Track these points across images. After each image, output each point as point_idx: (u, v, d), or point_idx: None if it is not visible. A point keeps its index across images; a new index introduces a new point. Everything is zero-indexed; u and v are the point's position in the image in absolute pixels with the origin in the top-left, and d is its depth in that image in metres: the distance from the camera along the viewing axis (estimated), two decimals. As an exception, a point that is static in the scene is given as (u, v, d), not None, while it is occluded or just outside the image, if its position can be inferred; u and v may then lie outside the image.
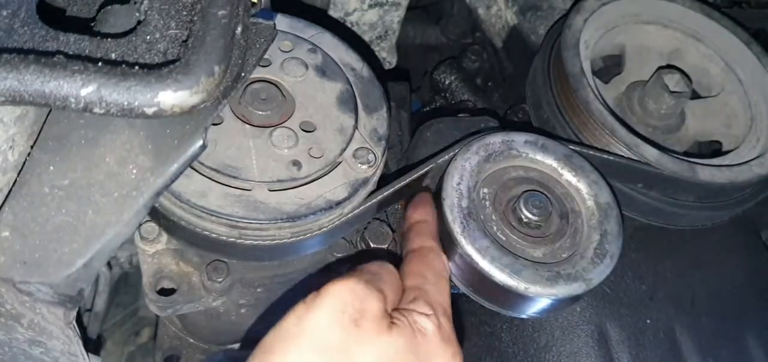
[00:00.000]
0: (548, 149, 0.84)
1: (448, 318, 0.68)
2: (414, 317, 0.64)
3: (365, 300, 0.61)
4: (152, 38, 0.59)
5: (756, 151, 0.96)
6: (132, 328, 1.44)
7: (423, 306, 0.66)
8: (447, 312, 0.68)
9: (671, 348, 0.93)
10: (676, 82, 0.97)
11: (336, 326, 0.59)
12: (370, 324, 0.60)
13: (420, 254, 0.75)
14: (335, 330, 0.59)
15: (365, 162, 0.80)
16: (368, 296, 0.61)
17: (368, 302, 0.61)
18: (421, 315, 0.64)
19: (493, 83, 1.34)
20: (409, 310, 0.65)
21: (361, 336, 0.59)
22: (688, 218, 0.95)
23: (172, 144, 0.61)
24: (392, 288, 0.67)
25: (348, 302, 0.60)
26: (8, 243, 0.58)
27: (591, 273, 0.75)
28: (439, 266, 0.74)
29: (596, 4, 1.03)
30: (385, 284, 0.65)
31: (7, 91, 0.52)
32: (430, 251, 0.75)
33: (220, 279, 0.80)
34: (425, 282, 0.70)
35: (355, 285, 0.61)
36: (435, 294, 0.68)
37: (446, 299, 0.70)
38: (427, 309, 0.65)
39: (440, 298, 0.69)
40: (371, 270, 0.67)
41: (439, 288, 0.70)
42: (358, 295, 0.60)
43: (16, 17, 0.57)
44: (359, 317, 0.60)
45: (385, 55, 1.28)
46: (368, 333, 0.60)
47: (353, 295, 0.60)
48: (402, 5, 1.20)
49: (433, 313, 0.65)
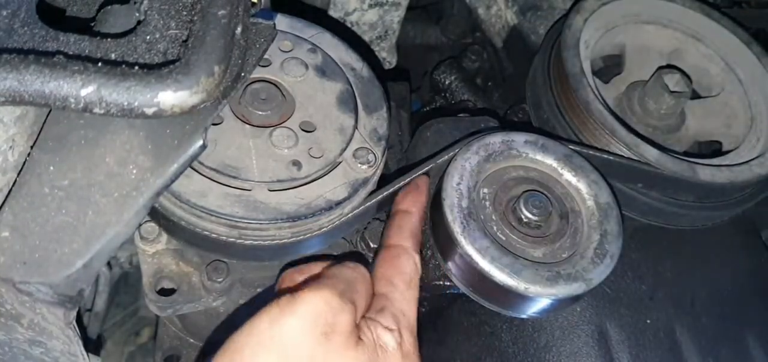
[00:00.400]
0: (548, 149, 0.84)
1: (411, 331, 0.69)
2: (378, 332, 0.66)
3: (338, 313, 0.62)
4: (152, 38, 0.59)
5: (756, 150, 0.96)
6: (132, 328, 1.44)
7: (387, 319, 0.68)
8: (410, 325, 0.70)
9: (671, 348, 0.93)
10: (676, 82, 0.97)
11: (307, 337, 0.60)
12: (339, 339, 0.62)
13: (392, 255, 0.75)
14: (306, 341, 0.60)
15: (365, 162, 0.80)
16: (341, 310, 0.63)
17: (340, 316, 0.62)
18: (384, 329, 0.66)
19: (493, 83, 1.34)
20: (374, 322, 0.67)
21: (329, 350, 0.61)
22: (688, 218, 0.95)
23: (172, 144, 0.61)
24: (363, 297, 0.69)
25: (321, 314, 0.61)
26: (8, 243, 0.58)
27: (591, 273, 0.75)
28: (408, 270, 0.74)
29: (596, 4, 1.03)
30: (357, 294, 0.67)
31: (7, 91, 0.52)
32: (403, 253, 0.75)
33: (220, 279, 0.80)
34: (393, 290, 0.71)
35: (330, 298, 0.62)
36: (401, 303, 0.70)
37: (411, 309, 0.71)
38: (390, 323, 0.67)
39: (405, 307, 0.70)
40: (345, 277, 0.68)
41: (406, 297, 0.72)
42: (332, 308, 0.62)
43: (16, 17, 0.57)
44: (330, 331, 0.61)
45: (385, 55, 1.28)
46: (336, 347, 0.61)
47: (327, 308, 0.62)
48: (402, 5, 1.20)
49: (396, 329, 0.67)
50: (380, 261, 0.75)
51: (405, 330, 0.68)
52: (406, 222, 0.79)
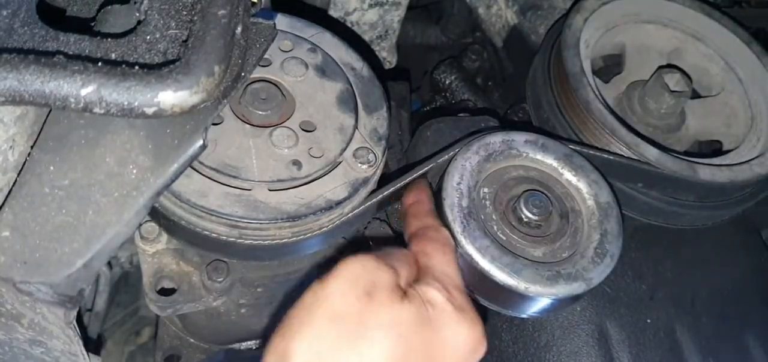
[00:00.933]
0: (548, 149, 0.84)
1: (458, 288, 0.69)
2: (423, 289, 0.66)
3: (376, 272, 0.63)
4: (152, 38, 0.59)
5: (756, 150, 0.96)
6: (132, 328, 1.44)
7: (430, 280, 0.68)
8: (455, 282, 0.69)
9: (671, 348, 0.93)
10: (676, 82, 0.97)
11: (350, 295, 0.61)
12: (382, 295, 0.62)
13: (420, 234, 0.76)
14: (349, 299, 0.61)
15: (365, 161, 0.80)
16: (379, 269, 0.64)
17: (379, 274, 0.63)
18: (429, 287, 0.66)
19: (494, 83, 1.34)
20: (419, 284, 0.67)
21: (374, 306, 0.61)
22: (688, 217, 0.95)
23: (172, 144, 0.61)
24: (404, 266, 0.69)
25: (360, 274, 0.63)
26: (8, 243, 0.58)
27: (591, 272, 0.75)
28: (441, 238, 0.74)
29: (596, 4, 1.03)
30: (397, 261, 0.68)
31: (7, 91, 0.52)
32: (429, 228, 0.76)
33: (220, 278, 0.80)
34: (429, 259, 0.71)
35: (365, 261, 0.64)
36: (441, 266, 0.70)
37: (453, 270, 0.71)
38: (434, 282, 0.67)
39: (447, 269, 0.70)
40: (384, 250, 0.69)
41: (445, 261, 0.71)
42: (369, 269, 0.63)
43: (16, 17, 0.57)
44: (372, 288, 0.62)
45: (386, 54, 1.28)
46: (381, 303, 0.62)
47: (364, 269, 0.63)
48: (402, 5, 1.20)
49: (442, 286, 0.67)
50: (411, 244, 0.76)
51: (452, 288, 0.68)
52: (419, 209, 0.79)
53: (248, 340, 1.03)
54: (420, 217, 0.78)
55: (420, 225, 0.77)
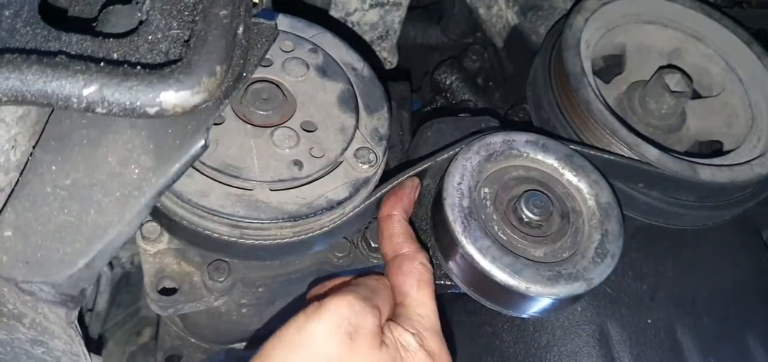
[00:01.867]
0: (549, 149, 0.84)
1: (432, 330, 0.70)
2: (398, 333, 0.68)
3: (361, 316, 0.65)
4: (154, 38, 0.59)
5: (757, 150, 0.96)
6: (133, 328, 1.44)
7: (406, 323, 0.70)
8: (431, 324, 0.71)
9: (672, 348, 0.93)
10: (676, 82, 0.97)
11: (333, 339, 0.63)
12: (363, 340, 0.64)
13: (396, 265, 0.76)
14: (332, 342, 0.63)
15: (366, 161, 0.81)
16: (364, 313, 0.65)
17: (364, 318, 0.65)
18: (404, 331, 0.68)
19: (494, 83, 1.34)
20: (395, 325, 0.69)
21: (354, 351, 0.63)
22: (689, 218, 0.95)
23: (173, 144, 0.61)
24: (386, 304, 0.71)
25: (345, 317, 0.64)
26: (10, 242, 0.58)
27: (592, 272, 0.75)
28: (416, 273, 0.75)
29: (597, 4, 1.03)
30: (381, 300, 0.69)
31: (10, 91, 0.52)
32: (405, 260, 0.76)
33: (221, 278, 0.80)
34: (405, 297, 0.73)
35: (353, 301, 0.65)
36: (415, 307, 0.72)
37: (427, 309, 0.72)
38: (409, 327, 0.69)
39: (421, 310, 0.72)
40: (369, 285, 0.71)
41: (419, 299, 0.73)
42: (356, 311, 0.64)
43: (18, 17, 0.57)
44: (355, 332, 0.64)
45: (386, 54, 1.28)
46: (361, 348, 0.63)
47: (351, 311, 0.64)
48: (403, 5, 1.21)
49: (416, 331, 0.69)
50: (388, 275, 0.76)
51: (425, 331, 0.69)
52: (393, 229, 0.79)
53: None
54: (394, 240, 0.78)
55: (395, 253, 0.77)
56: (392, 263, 0.77)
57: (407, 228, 0.79)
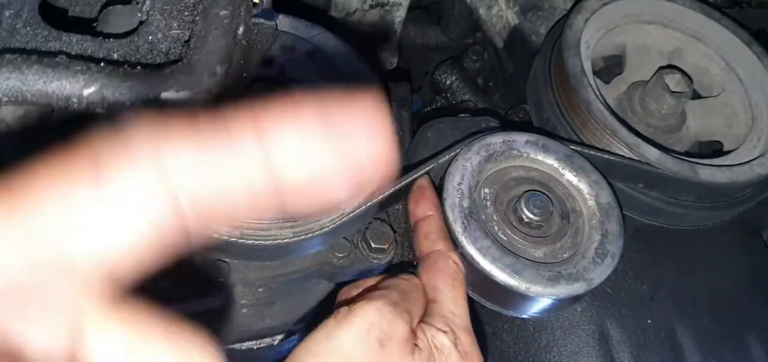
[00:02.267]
0: (549, 149, 0.84)
1: (465, 330, 0.69)
2: (431, 334, 0.66)
3: (392, 322, 0.63)
4: (154, 38, 0.59)
5: (757, 150, 0.96)
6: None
7: (439, 321, 0.68)
8: (463, 323, 0.70)
9: (672, 349, 0.93)
10: (676, 82, 0.97)
11: (362, 345, 0.61)
12: (394, 347, 0.62)
13: (430, 262, 0.75)
14: (362, 350, 0.61)
15: (366, 162, 0.80)
16: (395, 318, 0.63)
17: (395, 324, 0.63)
18: (437, 331, 0.67)
19: (494, 83, 1.34)
20: (428, 325, 0.67)
21: (384, 358, 0.61)
22: (689, 218, 0.95)
23: (174, 144, 0.61)
24: (418, 306, 0.69)
25: (375, 323, 0.62)
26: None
27: (592, 273, 0.75)
28: (450, 270, 0.74)
29: (597, 4, 1.03)
30: (412, 303, 0.68)
31: (10, 91, 0.52)
32: (440, 257, 0.75)
33: (221, 279, 0.80)
34: (439, 294, 0.72)
35: (383, 307, 0.63)
36: (448, 305, 0.71)
37: (460, 308, 0.71)
38: (442, 325, 0.68)
39: (454, 308, 0.71)
40: (400, 287, 0.69)
41: (452, 297, 0.72)
42: (386, 317, 0.63)
43: (18, 17, 0.57)
44: (385, 338, 0.62)
45: (387, 55, 1.28)
46: (392, 355, 0.62)
47: (380, 317, 0.63)
48: (403, 5, 1.20)
49: (449, 329, 0.68)
50: (421, 271, 0.75)
51: (459, 330, 0.68)
52: (430, 226, 0.79)
53: (249, 340, 1.03)
54: (430, 238, 0.77)
55: (430, 250, 0.76)
56: (426, 260, 0.76)
57: (443, 227, 0.79)
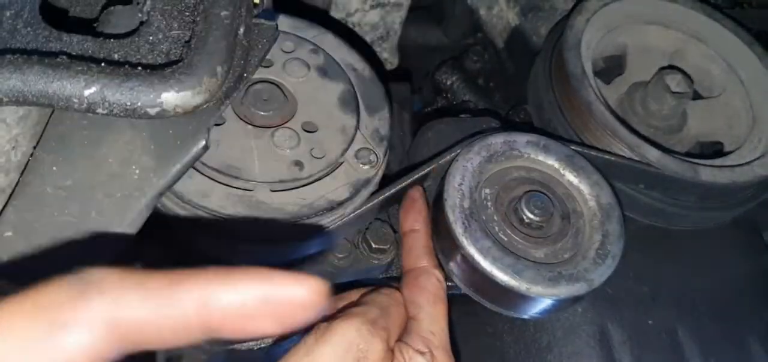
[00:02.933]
0: (550, 150, 0.84)
1: (443, 349, 0.70)
2: (409, 355, 0.67)
3: (370, 342, 0.63)
4: (155, 39, 0.59)
5: (758, 151, 0.96)
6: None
7: (417, 341, 0.69)
8: (442, 343, 0.71)
9: (673, 349, 0.93)
10: (677, 83, 0.97)
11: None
12: None
13: (412, 277, 0.76)
14: None
15: (367, 162, 0.81)
16: (373, 338, 0.64)
17: (373, 344, 0.63)
18: (415, 352, 0.67)
19: (495, 84, 1.34)
20: (406, 345, 0.68)
21: None
22: (689, 219, 0.95)
23: (174, 144, 0.61)
24: (397, 323, 0.70)
25: (353, 343, 0.63)
26: (11, 243, 0.58)
27: (593, 273, 0.75)
28: (432, 288, 0.75)
29: (598, 5, 1.03)
30: (391, 319, 0.68)
31: (11, 92, 0.52)
32: (422, 273, 0.76)
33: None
34: (419, 312, 0.72)
35: (361, 326, 0.64)
36: (428, 323, 0.71)
37: (440, 326, 0.72)
38: (421, 346, 0.68)
39: (433, 327, 0.71)
40: (380, 303, 0.69)
41: (433, 315, 0.72)
42: (363, 336, 0.63)
43: (19, 18, 0.57)
44: (362, 358, 0.62)
45: (387, 55, 1.28)
46: None
47: (358, 336, 0.63)
48: (404, 6, 1.21)
49: (427, 350, 0.68)
50: (404, 285, 0.76)
51: (436, 350, 0.69)
52: (414, 241, 0.79)
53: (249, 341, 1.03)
54: (414, 253, 0.78)
55: (414, 265, 0.77)
56: (409, 275, 0.77)
57: (429, 243, 0.80)
